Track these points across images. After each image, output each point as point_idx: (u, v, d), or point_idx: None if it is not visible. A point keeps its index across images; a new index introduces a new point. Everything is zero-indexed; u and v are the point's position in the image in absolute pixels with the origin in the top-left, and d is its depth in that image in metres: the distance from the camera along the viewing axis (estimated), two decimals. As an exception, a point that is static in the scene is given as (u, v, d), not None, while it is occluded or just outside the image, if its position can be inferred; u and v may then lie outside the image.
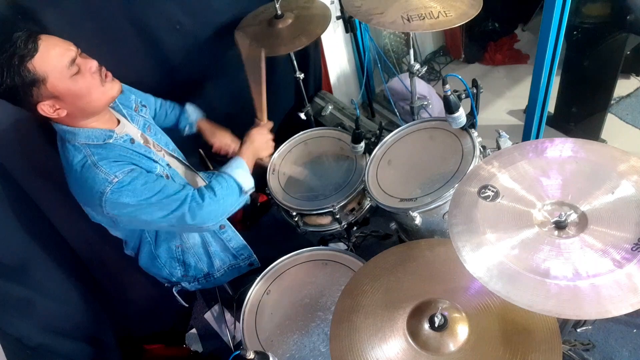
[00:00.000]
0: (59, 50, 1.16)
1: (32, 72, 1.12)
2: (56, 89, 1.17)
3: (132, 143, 1.37)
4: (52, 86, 1.16)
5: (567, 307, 0.85)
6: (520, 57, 3.06)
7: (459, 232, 1.00)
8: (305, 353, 1.32)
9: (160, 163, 1.42)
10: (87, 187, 1.25)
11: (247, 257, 1.69)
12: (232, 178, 1.44)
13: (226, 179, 1.43)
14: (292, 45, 1.78)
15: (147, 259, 1.62)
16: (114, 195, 1.25)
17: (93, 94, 1.24)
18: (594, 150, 1.07)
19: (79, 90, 1.20)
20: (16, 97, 1.16)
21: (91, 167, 1.25)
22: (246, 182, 1.47)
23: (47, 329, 1.42)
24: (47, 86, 1.15)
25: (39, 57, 1.12)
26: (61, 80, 1.16)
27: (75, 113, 1.25)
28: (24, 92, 1.14)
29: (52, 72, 1.15)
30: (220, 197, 1.39)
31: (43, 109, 1.19)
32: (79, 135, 1.27)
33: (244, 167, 1.49)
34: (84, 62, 1.21)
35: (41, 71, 1.13)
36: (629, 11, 2.04)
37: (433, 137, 1.63)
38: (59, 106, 1.21)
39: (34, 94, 1.15)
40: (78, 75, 1.19)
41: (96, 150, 1.28)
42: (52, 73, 1.15)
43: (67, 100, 1.20)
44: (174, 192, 1.33)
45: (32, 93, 1.15)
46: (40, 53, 1.13)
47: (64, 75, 1.17)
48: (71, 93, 1.19)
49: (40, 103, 1.18)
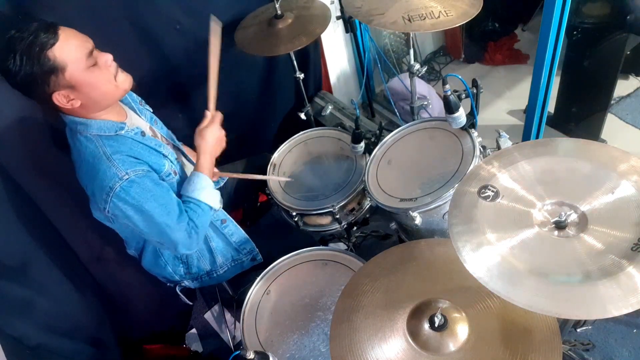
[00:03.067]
0: (78, 41, 1.18)
1: (51, 61, 1.14)
2: (73, 79, 1.18)
3: (143, 136, 1.38)
4: (69, 75, 1.17)
5: (567, 307, 0.85)
6: (520, 57, 3.06)
7: (459, 232, 1.00)
8: (305, 353, 1.32)
9: (170, 158, 1.43)
10: (97, 179, 1.26)
11: (249, 252, 1.69)
12: (203, 203, 1.43)
13: (199, 205, 1.42)
14: (292, 45, 1.78)
15: (150, 258, 1.62)
16: (122, 193, 1.25)
17: (107, 86, 1.26)
18: (594, 150, 1.07)
19: (94, 81, 1.22)
20: (31, 87, 1.16)
21: (103, 159, 1.25)
22: (215, 202, 1.47)
23: (47, 329, 1.42)
24: (65, 75, 1.17)
25: (59, 46, 1.14)
26: (79, 70, 1.18)
27: (88, 104, 1.26)
28: (41, 80, 1.15)
29: (71, 61, 1.16)
30: (200, 226, 1.42)
31: (57, 99, 1.20)
32: (90, 127, 1.28)
33: (208, 185, 1.46)
34: (100, 55, 1.24)
35: (61, 60, 1.15)
36: (629, 11, 2.04)
37: (433, 137, 1.63)
38: (74, 97, 1.22)
39: (51, 83, 1.16)
40: (95, 67, 1.22)
41: (108, 142, 1.28)
42: (71, 62, 1.16)
43: (83, 90, 1.21)
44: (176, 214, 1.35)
45: (49, 82, 1.16)
46: (60, 42, 1.14)
47: (82, 66, 1.18)
48: (87, 84, 1.21)
49: (56, 93, 1.19)
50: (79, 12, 1.51)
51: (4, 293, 1.29)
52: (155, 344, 2.07)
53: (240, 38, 1.87)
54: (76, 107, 1.24)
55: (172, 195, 1.38)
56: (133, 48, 1.71)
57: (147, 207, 1.29)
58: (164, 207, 1.33)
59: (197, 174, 1.45)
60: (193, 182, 1.44)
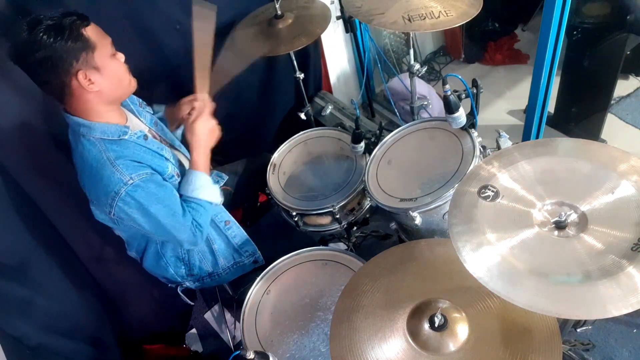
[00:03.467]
0: (102, 32, 1.26)
1: (86, 38, 1.19)
2: (100, 61, 1.23)
3: (146, 140, 1.38)
4: (98, 56, 1.22)
5: (567, 307, 0.85)
6: (520, 57, 3.06)
7: (459, 232, 1.00)
8: (305, 353, 1.32)
9: (172, 161, 1.44)
10: (101, 184, 1.26)
11: (251, 254, 1.69)
12: (203, 201, 1.45)
13: (201, 203, 1.44)
14: (292, 45, 1.78)
15: (152, 260, 1.62)
16: (127, 198, 1.26)
17: (124, 79, 1.32)
18: (594, 150, 1.07)
19: (116, 69, 1.28)
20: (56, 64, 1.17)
21: (107, 164, 1.26)
22: (214, 197, 1.49)
23: (47, 329, 1.42)
24: (94, 55, 1.21)
25: (92, 27, 1.22)
26: (106, 54, 1.25)
27: (105, 92, 1.27)
28: (72, 55, 1.18)
29: (100, 43, 1.23)
30: (204, 225, 1.44)
31: (81, 78, 1.21)
32: (94, 130, 1.28)
33: (206, 183, 1.46)
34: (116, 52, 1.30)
35: (93, 39, 1.21)
36: (629, 11, 2.04)
37: (433, 137, 1.63)
38: (95, 80, 1.23)
39: (81, 59, 1.20)
40: (115, 58, 1.28)
41: (111, 146, 1.28)
42: (100, 44, 1.23)
43: (105, 75, 1.25)
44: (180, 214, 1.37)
45: (79, 58, 1.19)
46: (91, 25, 1.22)
47: (108, 51, 1.25)
48: (110, 70, 1.26)
49: (81, 71, 1.20)
50: (79, 12, 1.51)
51: (4, 293, 1.29)
52: (155, 344, 2.07)
53: (240, 38, 1.87)
54: (93, 91, 1.24)
55: (176, 195, 1.40)
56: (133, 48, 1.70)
57: (153, 209, 1.30)
58: (169, 208, 1.35)
59: (193, 172, 1.44)
60: (191, 182, 1.43)
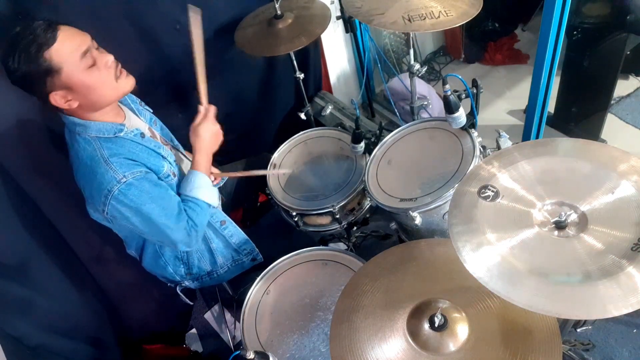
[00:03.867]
0: (75, 42, 1.18)
1: (48, 61, 1.14)
2: (70, 80, 1.18)
3: (143, 137, 1.37)
4: (66, 77, 1.17)
5: (567, 307, 0.85)
6: (520, 57, 3.06)
7: (459, 232, 1.00)
8: (305, 353, 1.32)
9: (169, 159, 1.43)
10: (95, 182, 1.26)
11: (249, 252, 1.69)
12: (201, 201, 1.44)
13: (198, 203, 1.43)
14: (292, 45, 1.78)
15: (151, 259, 1.62)
16: (120, 196, 1.25)
17: (105, 88, 1.25)
18: (594, 150, 1.07)
19: (92, 83, 1.22)
20: (30, 85, 1.17)
21: (101, 162, 1.25)
22: (212, 199, 1.48)
23: (47, 329, 1.42)
24: (62, 76, 1.17)
25: (56, 47, 1.14)
26: (75, 71, 1.18)
27: (86, 105, 1.26)
28: (38, 80, 1.16)
29: (67, 63, 1.16)
30: (200, 224, 1.43)
31: (55, 99, 1.20)
32: (89, 128, 1.28)
33: (205, 183, 1.46)
34: (99, 56, 1.23)
35: (57, 61, 1.15)
36: (629, 11, 2.04)
37: (433, 137, 1.63)
38: (71, 97, 1.22)
39: (48, 83, 1.17)
40: (93, 68, 1.21)
41: (106, 144, 1.28)
42: (67, 64, 1.16)
43: (80, 92, 1.21)
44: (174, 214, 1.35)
45: (45, 82, 1.16)
46: (57, 43, 1.14)
47: (78, 67, 1.18)
48: (84, 85, 1.21)
49: (53, 93, 1.19)
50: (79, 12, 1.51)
51: (4, 293, 1.29)
52: (155, 344, 2.07)
53: (240, 38, 1.87)
54: (74, 107, 1.24)
55: (171, 195, 1.38)
56: (133, 48, 1.71)
57: (146, 209, 1.30)
58: (163, 208, 1.33)
59: (194, 172, 1.45)
60: (191, 181, 1.44)
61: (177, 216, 1.36)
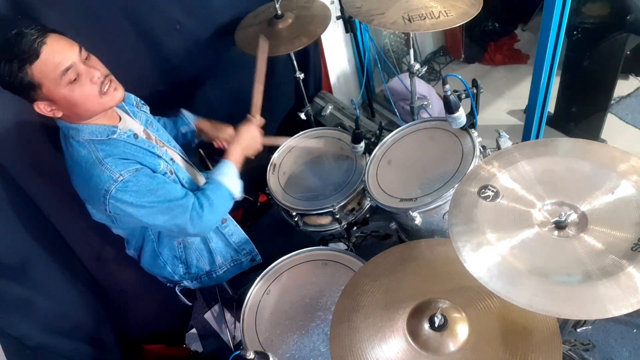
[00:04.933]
0: (58, 59, 1.16)
1: (29, 77, 1.14)
2: (51, 95, 1.19)
3: (136, 138, 1.37)
4: (47, 91, 1.18)
5: (567, 307, 0.85)
6: (520, 57, 3.06)
7: (459, 232, 1.00)
8: (305, 353, 1.32)
9: (164, 158, 1.43)
10: (91, 183, 1.26)
11: (248, 252, 1.69)
12: (224, 186, 1.46)
13: (219, 187, 1.45)
14: (292, 45, 1.78)
15: (149, 258, 1.62)
16: (118, 194, 1.25)
17: (88, 104, 1.24)
18: (594, 150, 1.07)
19: (74, 98, 1.21)
20: (16, 92, 1.18)
21: (96, 164, 1.25)
22: (236, 189, 1.50)
23: (47, 329, 1.42)
24: (43, 91, 1.17)
25: (38, 64, 1.13)
26: (56, 88, 1.18)
27: (70, 116, 1.26)
28: (21, 90, 1.17)
29: (47, 79, 1.16)
30: (217, 207, 1.43)
31: (40, 108, 1.21)
32: (82, 132, 1.28)
33: (233, 173, 1.50)
34: (86, 71, 1.21)
35: (37, 78, 1.15)
36: (629, 11, 2.04)
37: (433, 137, 1.63)
38: (55, 107, 1.22)
39: (30, 95, 1.18)
40: (75, 83, 1.20)
41: (100, 146, 1.28)
42: (48, 80, 1.16)
43: (62, 105, 1.22)
44: (177, 198, 1.35)
45: (28, 94, 1.18)
46: (39, 60, 1.13)
47: (59, 84, 1.18)
48: (66, 100, 1.21)
49: (37, 102, 1.20)
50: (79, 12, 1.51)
51: (4, 293, 1.29)
52: (155, 344, 2.07)
53: (240, 38, 1.87)
54: (59, 116, 1.25)
55: (169, 183, 1.38)
56: (133, 48, 1.71)
57: (146, 201, 1.30)
58: (163, 197, 1.33)
59: (223, 161, 1.52)
60: (219, 167, 1.50)
61: (179, 200, 1.35)
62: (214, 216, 1.42)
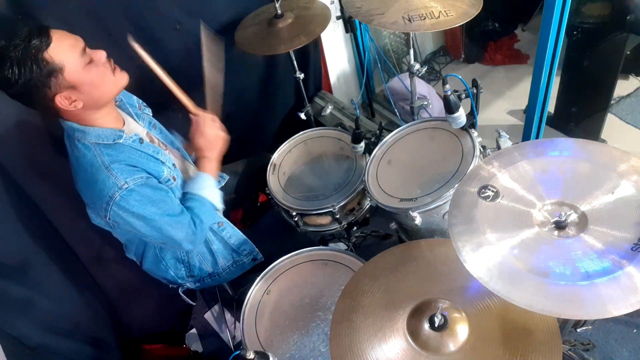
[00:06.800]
0: (71, 41, 1.19)
1: (50, 62, 1.14)
2: (73, 78, 1.18)
3: (141, 143, 1.37)
4: (69, 75, 1.17)
5: (567, 307, 0.85)
6: (520, 57, 3.06)
7: (459, 232, 1.00)
8: (305, 353, 1.32)
9: (167, 164, 1.43)
10: (96, 189, 1.26)
11: (249, 252, 1.70)
12: (207, 200, 1.47)
13: (204, 202, 1.46)
14: (291, 45, 1.78)
15: (151, 262, 1.62)
16: (121, 202, 1.25)
17: (106, 83, 1.26)
18: (594, 150, 1.07)
19: (93, 79, 1.22)
20: (32, 93, 1.16)
21: (102, 169, 1.25)
22: (217, 200, 1.51)
23: (47, 329, 1.42)
24: (65, 75, 1.17)
25: (54, 47, 1.14)
26: (77, 69, 1.18)
27: (90, 104, 1.26)
28: (42, 84, 1.15)
29: (68, 60, 1.16)
30: (205, 222, 1.45)
31: (60, 102, 1.20)
32: (89, 134, 1.28)
33: (211, 185, 1.51)
34: (93, 53, 1.24)
35: (58, 60, 1.15)
36: (629, 11, 2.04)
37: (433, 137, 1.63)
38: (75, 97, 1.22)
39: (52, 84, 1.16)
40: (91, 64, 1.22)
41: (106, 150, 1.28)
42: (69, 62, 1.17)
43: (83, 89, 1.22)
44: (176, 214, 1.37)
45: (50, 84, 1.16)
46: (54, 43, 1.14)
47: (79, 64, 1.19)
48: (87, 82, 1.21)
49: (58, 95, 1.19)
50: (79, 13, 1.51)
51: (4, 293, 1.29)
52: (155, 344, 2.07)
53: (240, 38, 1.87)
54: (79, 107, 1.24)
55: (171, 197, 1.39)
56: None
57: (147, 213, 1.30)
58: (164, 210, 1.34)
59: (199, 174, 1.51)
60: (196, 181, 1.49)
61: (178, 216, 1.37)
62: (202, 233, 1.45)
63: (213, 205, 1.48)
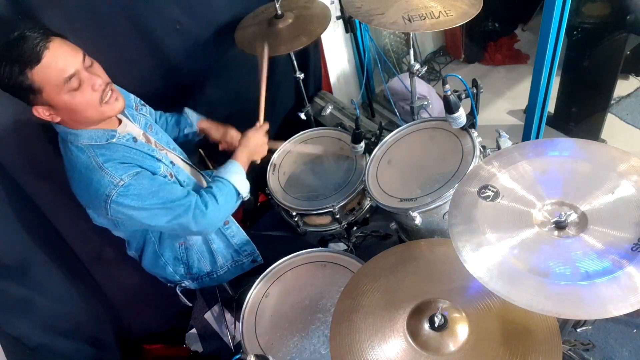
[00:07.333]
0: (60, 65, 1.14)
1: (29, 81, 1.12)
2: (52, 100, 1.17)
3: (135, 142, 1.37)
4: (48, 97, 1.16)
5: (567, 307, 0.85)
6: (520, 57, 3.06)
7: (459, 232, 1.00)
8: (305, 356, 1.32)
9: (164, 162, 1.42)
10: (92, 189, 1.25)
11: (249, 254, 1.69)
12: (230, 184, 1.46)
13: (225, 184, 1.45)
14: (292, 45, 1.78)
15: (150, 259, 1.62)
16: (119, 199, 1.25)
17: (88, 112, 1.23)
18: (594, 150, 1.07)
19: (74, 105, 1.20)
20: (15, 95, 1.18)
21: (96, 169, 1.25)
22: (243, 188, 1.50)
23: (47, 329, 1.42)
24: (43, 96, 1.16)
25: (39, 68, 1.12)
26: (57, 94, 1.16)
27: (68, 122, 1.25)
28: (21, 95, 1.16)
29: (48, 85, 1.14)
30: (222, 204, 1.42)
31: (38, 112, 1.20)
32: (81, 137, 1.27)
33: (240, 172, 1.51)
34: (88, 78, 1.20)
35: (38, 82, 1.13)
36: (629, 11, 2.04)
37: (433, 137, 1.63)
38: (53, 112, 1.21)
39: (30, 98, 1.17)
40: (77, 91, 1.18)
41: (100, 150, 1.27)
42: (48, 86, 1.15)
43: (61, 111, 1.21)
44: (179, 198, 1.35)
45: (28, 97, 1.16)
46: (41, 64, 1.12)
47: (60, 90, 1.16)
48: (66, 107, 1.19)
49: (35, 106, 1.19)
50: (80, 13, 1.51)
51: (4, 293, 1.29)
52: (155, 344, 2.07)
53: (240, 38, 1.87)
54: (57, 121, 1.24)
55: (170, 184, 1.37)
56: (133, 48, 1.71)
57: (147, 204, 1.29)
58: (165, 198, 1.33)
59: (231, 161, 1.53)
60: (226, 167, 1.51)
61: (181, 199, 1.35)
62: (218, 214, 1.42)
63: (236, 190, 1.47)
